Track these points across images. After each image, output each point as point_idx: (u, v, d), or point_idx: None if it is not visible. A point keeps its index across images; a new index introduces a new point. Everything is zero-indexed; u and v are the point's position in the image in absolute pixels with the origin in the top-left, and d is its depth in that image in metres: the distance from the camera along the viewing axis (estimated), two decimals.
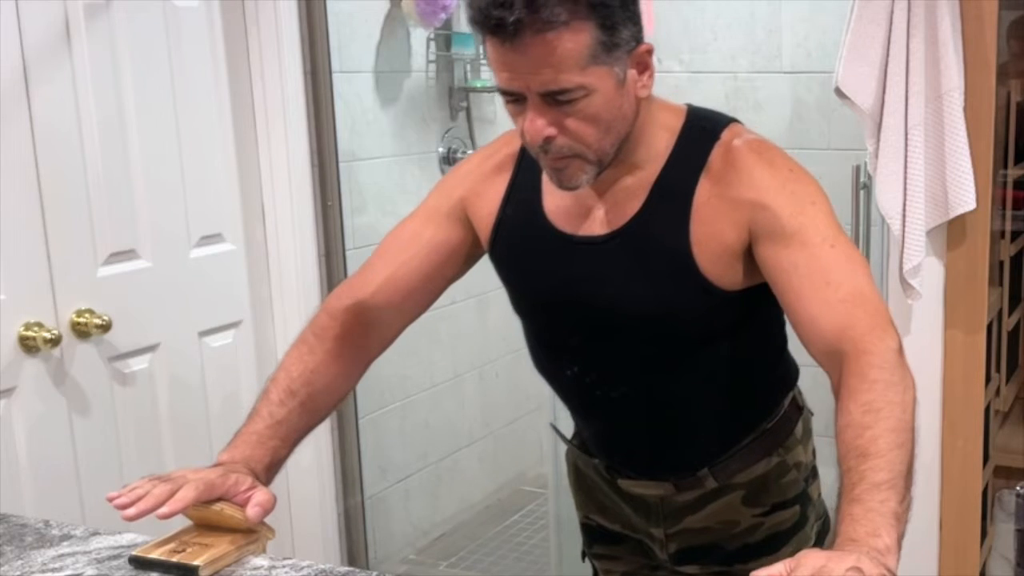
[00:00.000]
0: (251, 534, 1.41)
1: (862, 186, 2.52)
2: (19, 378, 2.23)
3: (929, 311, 2.40)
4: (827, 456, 1.37)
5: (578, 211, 1.52)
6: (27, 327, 2.23)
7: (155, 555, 1.37)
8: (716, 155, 1.46)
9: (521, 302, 1.63)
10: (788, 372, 1.67)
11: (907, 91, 2.26)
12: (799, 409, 1.66)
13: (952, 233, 2.38)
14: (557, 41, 1.31)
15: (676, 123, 1.50)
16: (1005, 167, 2.91)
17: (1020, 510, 1.96)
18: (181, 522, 1.44)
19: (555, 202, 1.53)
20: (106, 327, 2.35)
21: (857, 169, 2.52)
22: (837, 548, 1.11)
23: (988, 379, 2.58)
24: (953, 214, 2.31)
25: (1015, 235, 3.07)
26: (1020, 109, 2.98)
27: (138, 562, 1.37)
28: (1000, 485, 2.99)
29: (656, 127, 1.48)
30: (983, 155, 2.32)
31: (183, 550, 1.36)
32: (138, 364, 2.50)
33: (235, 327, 2.76)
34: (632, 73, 1.39)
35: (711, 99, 3.86)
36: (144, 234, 2.48)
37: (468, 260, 1.65)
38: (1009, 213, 2.98)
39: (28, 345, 2.23)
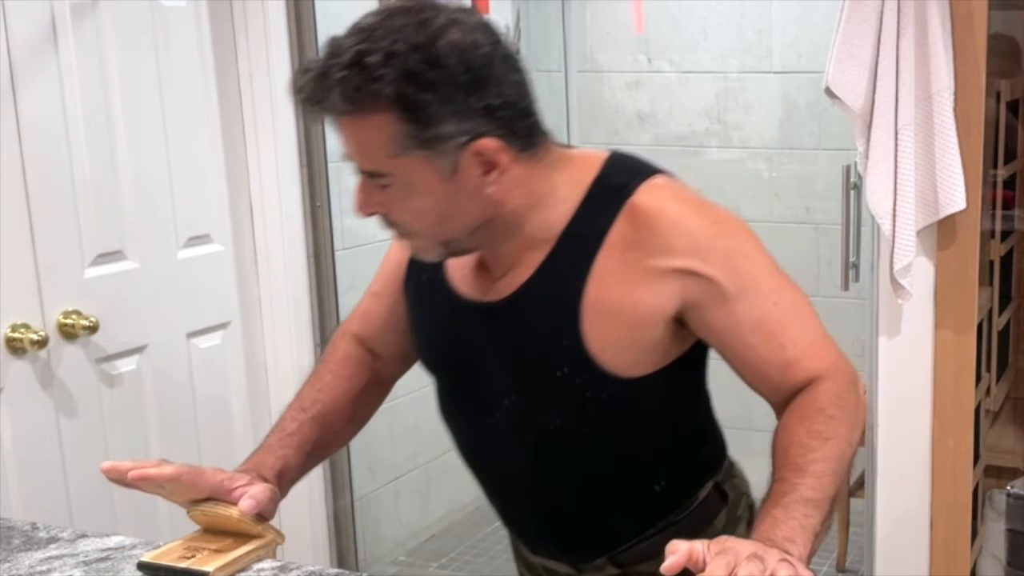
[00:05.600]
0: (260, 539, 1.40)
1: (852, 186, 2.52)
2: (5, 380, 2.22)
3: (919, 311, 2.40)
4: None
5: (475, 274, 1.43)
6: (13, 328, 2.22)
7: (164, 561, 1.35)
8: (624, 217, 1.32)
9: (420, 355, 1.56)
10: (708, 460, 1.53)
11: (897, 91, 2.26)
12: (724, 497, 1.52)
13: (942, 233, 2.38)
14: (356, 126, 1.26)
15: (585, 180, 1.36)
16: (995, 167, 2.92)
17: (1011, 509, 1.97)
18: (188, 527, 1.44)
19: (456, 260, 1.44)
20: (93, 328, 2.34)
21: (847, 169, 2.52)
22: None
23: (978, 379, 2.59)
24: (943, 214, 2.31)
25: (1005, 235, 3.08)
26: (1010, 109, 2.99)
27: (147, 568, 1.36)
28: (991, 484, 3.00)
29: (554, 195, 1.35)
30: (973, 155, 2.32)
31: (192, 556, 1.35)
32: (126, 365, 2.49)
33: (223, 328, 2.75)
34: (471, 170, 1.27)
35: (701, 99, 3.88)
36: (131, 235, 2.47)
37: None
38: (999, 213, 2.99)
39: (15, 347, 2.22)
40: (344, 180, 3.12)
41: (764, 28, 3.75)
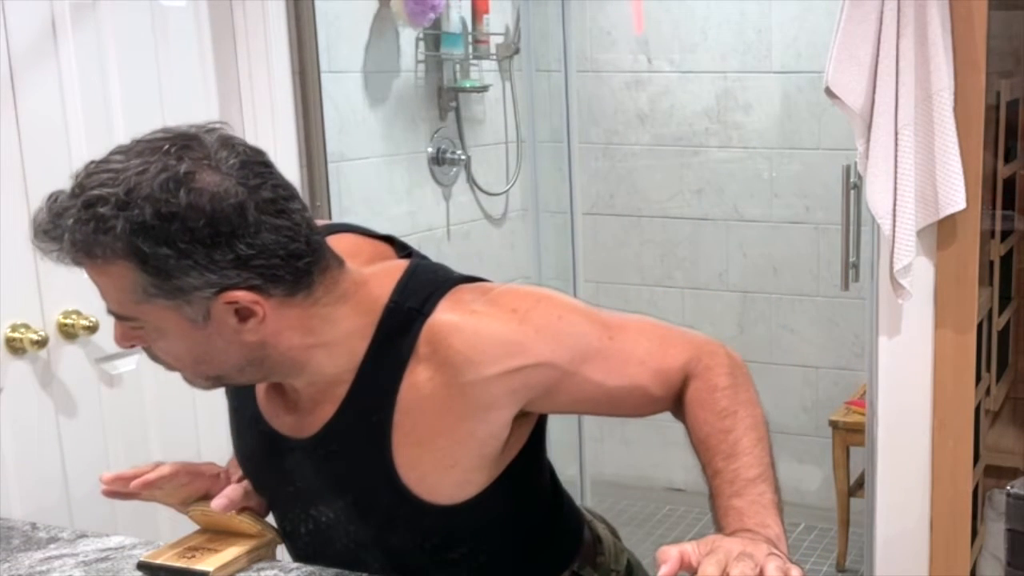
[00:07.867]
0: (260, 538, 1.40)
1: (852, 186, 2.52)
2: (5, 380, 2.22)
3: (919, 311, 2.40)
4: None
5: (279, 404, 1.36)
6: (13, 328, 2.21)
7: (164, 561, 1.36)
8: (424, 340, 1.25)
9: (239, 464, 1.49)
10: (557, 552, 1.47)
11: (897, 91, 2.26)
12: None
13: (942, 233, 2.38)
14: (95, 271, 1.18)
15: (377, 306, 1.27)
16: (995, 167, 2.92)
17: (1011, 509, 1.96)
18: (188, 527, 1.44)
19: (261, 386, 1.38)
20: (93, 328, 2.34)
21: (847, 169, 2.52)
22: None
23: (978, 379, 2.59)
24: (943, 214, 2.31)
25: (1005, 235, 3.08)
26: (1010, 109, 2.99)
27: (147, 568, 1.36)
28: (991, 484, 3.00)
29: (337, 330, 1.26)
30: (973, 155, 2.32)
31: (191, 555, 1.36)
32: (125, 366, 2.48)
33: None
34: (224, 318, 1.20)
35: (701, 99, 3.88)
36: None
37: None
38: (999, 213, 2.99)
39: (14, 347, 2.21)
40: (344, 180, 3.13)
41: (764, 28, 3.75)
